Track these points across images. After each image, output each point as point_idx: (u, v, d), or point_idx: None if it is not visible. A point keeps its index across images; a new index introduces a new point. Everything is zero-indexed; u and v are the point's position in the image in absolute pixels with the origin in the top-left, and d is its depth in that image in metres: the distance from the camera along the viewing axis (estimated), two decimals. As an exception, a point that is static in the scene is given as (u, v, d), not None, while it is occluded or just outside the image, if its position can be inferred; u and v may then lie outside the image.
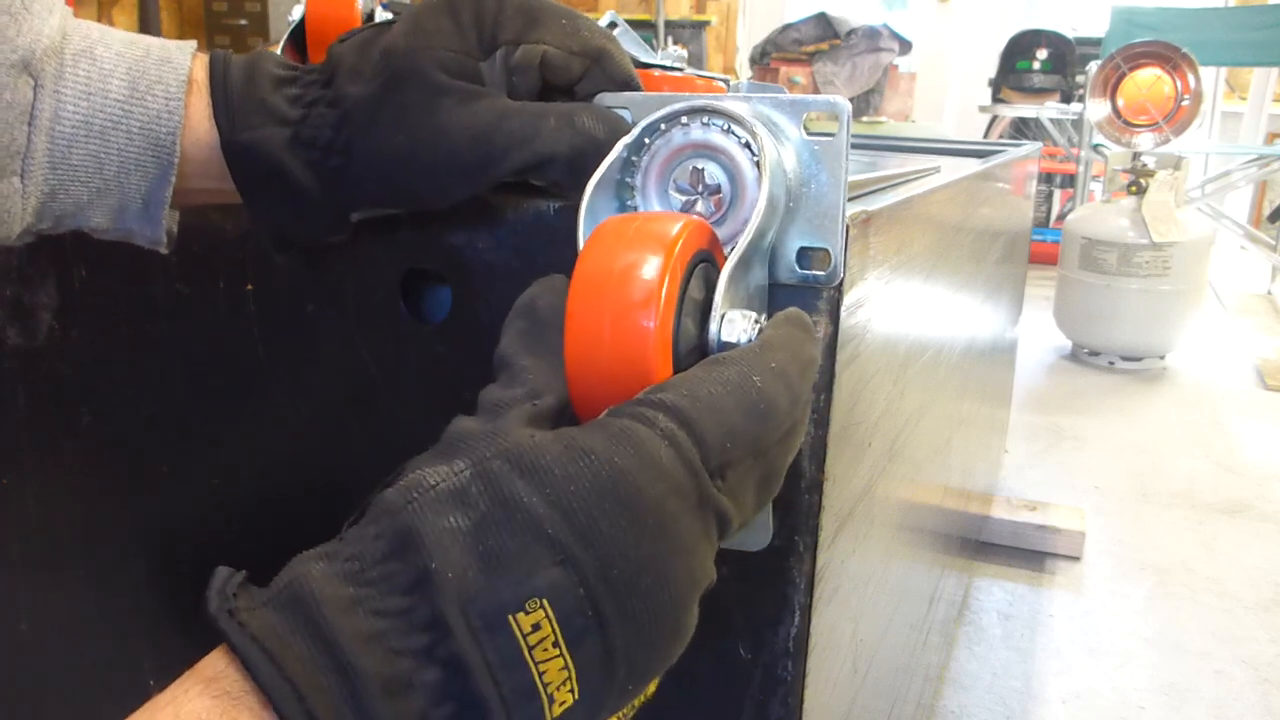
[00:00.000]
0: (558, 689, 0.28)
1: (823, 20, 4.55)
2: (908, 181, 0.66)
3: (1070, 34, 4.35)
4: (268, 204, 0.43)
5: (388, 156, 0.41)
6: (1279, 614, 1.33)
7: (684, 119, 0.40)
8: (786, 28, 4.62)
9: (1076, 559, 1.46)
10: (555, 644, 0.28)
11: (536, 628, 0.27)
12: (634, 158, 0.41)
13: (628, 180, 0.41)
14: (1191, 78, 2.39)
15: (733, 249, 0.38)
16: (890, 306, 0.55)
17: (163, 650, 0.61)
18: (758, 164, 0.39)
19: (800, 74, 4.52)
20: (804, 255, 0.41)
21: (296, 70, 0.43)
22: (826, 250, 0.41)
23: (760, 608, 0.45)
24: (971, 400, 1.05)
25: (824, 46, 4.50)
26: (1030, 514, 1.49)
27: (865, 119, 4.30)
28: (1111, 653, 1.23)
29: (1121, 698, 1.13)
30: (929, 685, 1.00)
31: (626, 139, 0.40)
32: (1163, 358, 2.52)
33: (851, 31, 4.48)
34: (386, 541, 0.28)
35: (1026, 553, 1.47)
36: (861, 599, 0.57)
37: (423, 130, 0.41)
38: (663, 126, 0.40)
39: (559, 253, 0.46)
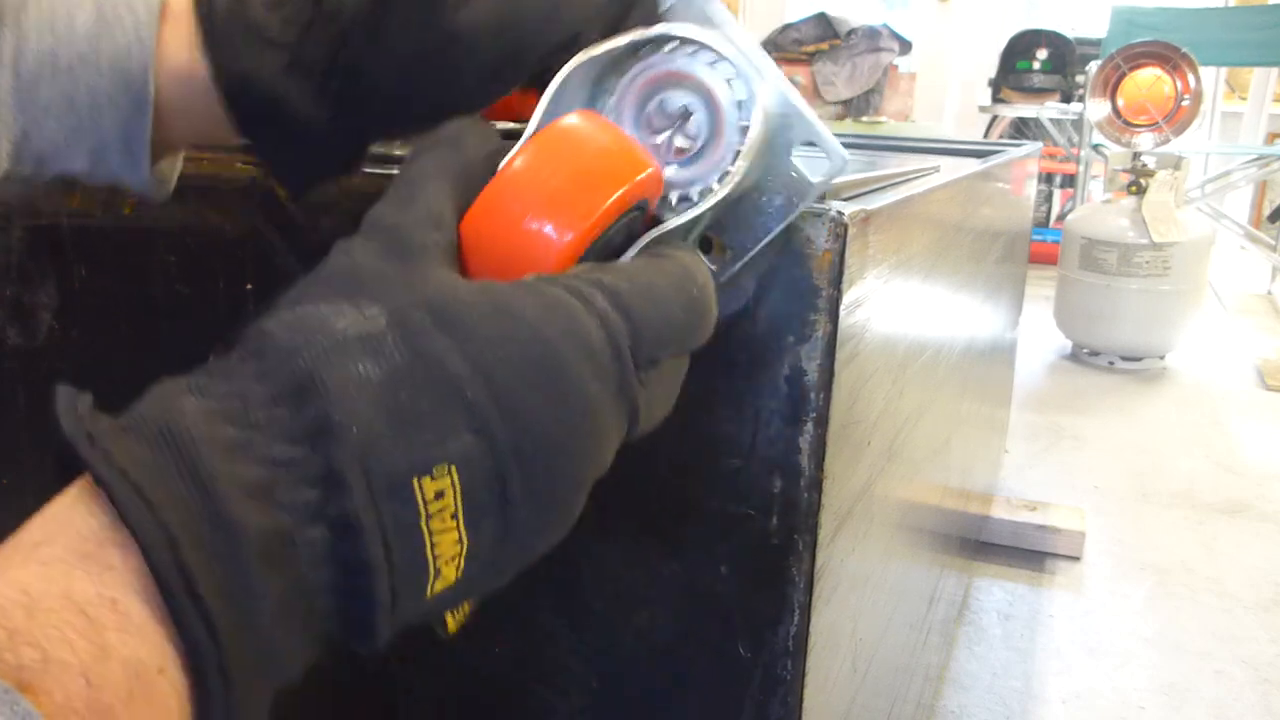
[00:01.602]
0: (445, 564, 0.26)
1: (823, 20, 4.55)
2: (907, 181, 0.66)
3: (1070, 34, 4.35)
4: (271, 141, 0.40)
5: (397, 73, 0.38)
6: (1279, 614, 1.33)
7: (672, 44, 0.37)
8: (786, 28, 4.62)
9: (1076, 559, 1.46)
10: (454, 516, 0.26)
11: (440, 495, 0.25)
12: (612, 76, 0.38)
13: (606, 86, 0.38)
14: (1191, 78, 2.39)
15: (693, 198, 0.36)
16: (889, 306, 0.55)
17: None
18: (740, 106, 0.36)
19: (800, 74, 4.52)
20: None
21: None
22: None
23: (760, 607, 0.45)
24: (971, 400, 1.05)
25: (824, 46, 4.50)
26: (1030, 514, 1.49)
27: (865, 119, 4.30)
28: (1111, 653, 1.22)
29: (1121, 698, 1.13)
30: (929, 685, 1.00)
31: (614, 43, 0.37)
32: (1163, 358, 2.52)
33: (851, 31, 4.48)
34: (276, 383, 0.25)
35: (1026, 553, 1.47)
36: (861, 598, 0.57)
37: (432, 35, 0.37)
38: (648, 48, 0.37)
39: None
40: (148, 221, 0.54)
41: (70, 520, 0.23)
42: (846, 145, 0.39)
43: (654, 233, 0.35)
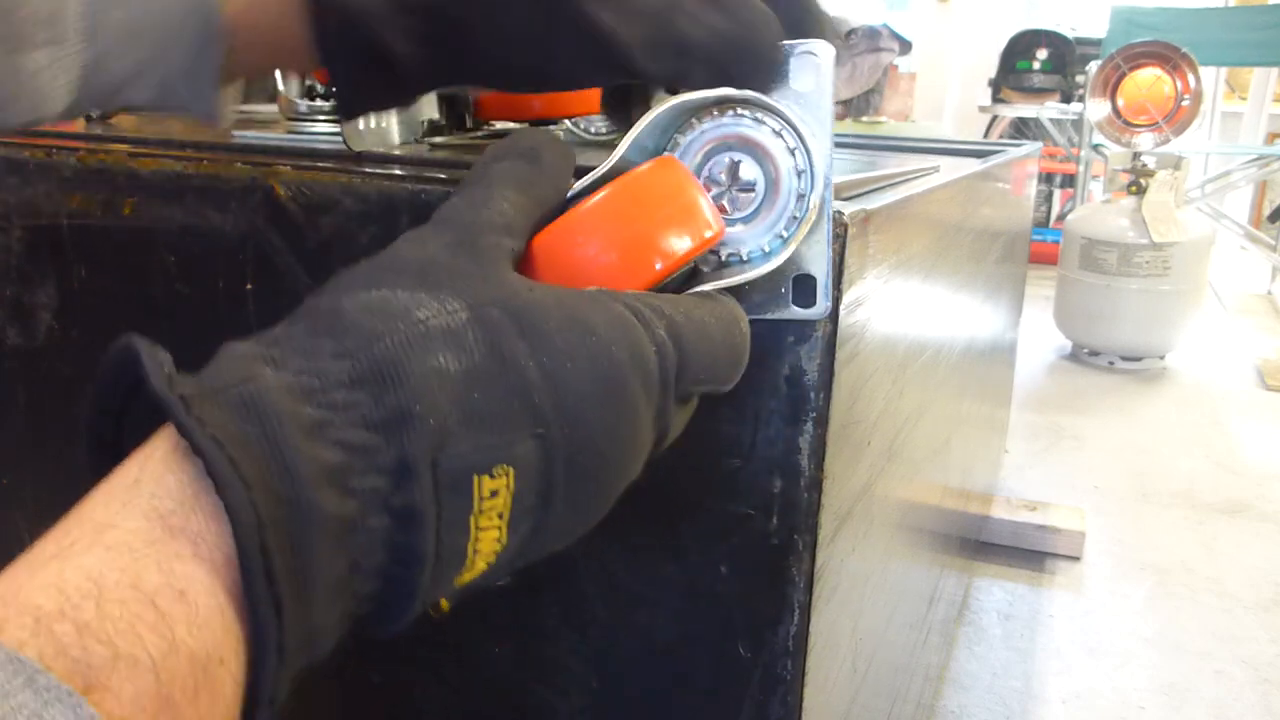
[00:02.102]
0: (481, 559, 0.27)
1: (823, 20, 4.54)
2: (907, 181, 0.66)
3: (1070, 34, 4.35)
4: (347, 69, 0.38)
5: (508, 36, 0.36)
6: (1279, 614, 1.33)
7: (737, 109, 0.38)
8: (786, 28, 4.62)
9: (1076, 559, 1.46)
10: (501, 515, 0.26)
11: (494, 495, 0.26)
12: (678, 134, 0.39)
13: (675, 132, 0.39)
14: (1191, 78, 2.39)
15: (765, 248, 0.38)
16: (889, 306, 0.55)
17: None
18: (799, 174, 0.38)
19: (800, 74, 4.52)
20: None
21: None
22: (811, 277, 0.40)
23: (760, 607, 0.45)
24: (971, 400, 1.05)
25: (824, 47, 4.50)
26: (1030, 514, 1.49)
27: (865, 119, 4.29)
28: (1111, 653, 1.23)
29: (1121, 698, 1.13)
30: (929, 685, 1.00)
31: (706, 95, 0.37)
32: (1163, 358, 2.52)
33: (851, 31, 4.48)
34: (355, 366, 0.25)
35: (1026, 553, 1.47)
36: (861, 598, 0.57)
37: (561, 17, 0.36)
38: (715, 111, 0.38)
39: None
40: (148, 221, 0.54)
41: (136, 499, 0.22)
42: (847, 145, 0.39)
43: (708, 287, 0.36)
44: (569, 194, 0.35)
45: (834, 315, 0.43)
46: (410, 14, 0.37)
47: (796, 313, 0.41)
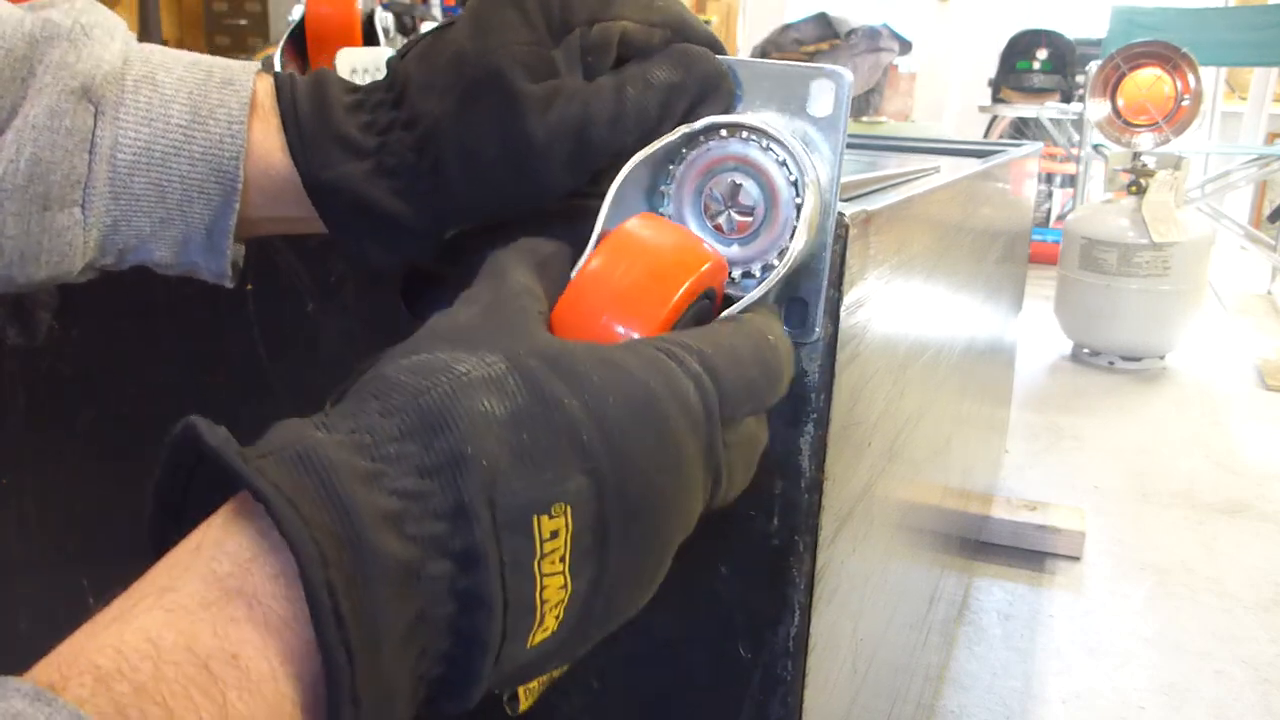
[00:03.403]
0: (549, 609, 0.27)
1: (823, 20, 4.55)
2: (907, 181, 0.66)
3: (1070, 34, 4.35)
4: (359, 237, 0.41)
5: (477, 173, 0.39)
6: (1279, 614, 1.33)
7: (723, 131, 0.39)
8: (786, 28, 4.62)
9: (1076, 559, 1.46)
10: (563, 559, 0.26)
11: (554, 535, 0.26)
12: (670, 164, 0.40)
13: (660, 187, 0.40)
14: (1191, 78, 2.39)
15: (754, 274, 0.38)
16: (890, 306, 0.55)
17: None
18: (794, 184, 0.38)
19: (800, 74, 4.51)
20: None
21: (360, 92, 0.41)
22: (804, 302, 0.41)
23: (760, 607, 0.45)
24: (971, 400, 1.05)
25: (824, 46, 4.50)
26: (1030, 514, 1.49)
27: (865, 119, 4.29)
28: (1111, 653, 1.23)
29: (1121, 698, 1.13)
30: (929, 685, 1.00)
31: (668, 139, 0.39)
32: (1163, 358, 2.52)
33: (851, 31, 4.48)
34: (405, 420, 0.26)
35: (1026, 553, 1.47)
36: (861, 599, 0.57)
37: (510, 140, 0.39)
38: (701, 138, 0.39)
39: (559, 253, 0.46)
40: (148, 221, 0.54)
41: (195, 563, 0.23)
42: (847, 145, 0.40)
43: (726, 314, 0.37)
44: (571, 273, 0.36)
45: (834, 316, 0.43)
46: (391, 176, 0.40)
47: (790, 334, 0.41)
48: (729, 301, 0.38)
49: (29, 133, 0.36)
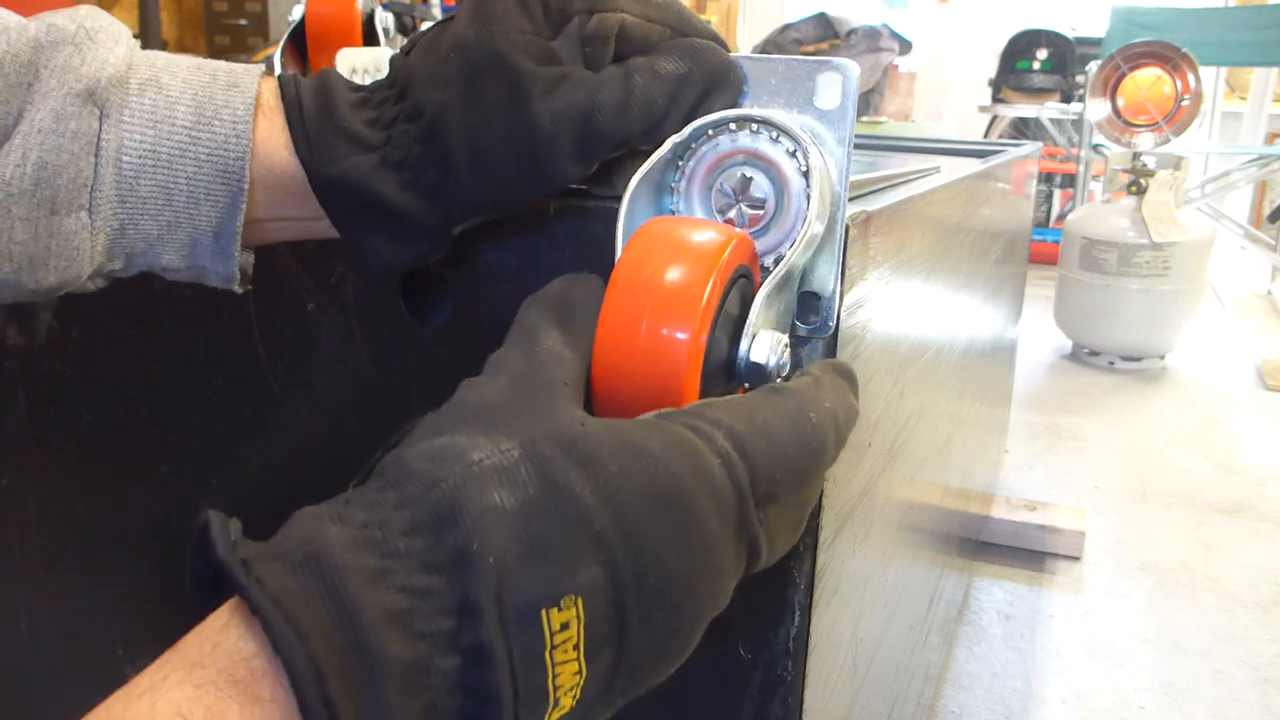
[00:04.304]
0: (564, 694, 0.27)
1: (823, 20, 4.55)
2: (908, 181, 0.66)
3: (1070, 34, 4.35)
4: (367, 234, 0.41)
5: (483, 162, 0.39)
6: (1279, 614, 1.33)
7: (732, 125, 0.39)
8: (786, 28, 4.62)
9: (1076, 559, 1.46)
10: (576, 647, 0.26)
11: (565, 627, 0.26)
12: (679, 160, 0.40)
13: (670, 183, 0.40)
14: (1191, 78, 2.39)
15: (769, 266, 0.38)
16: (890, 307, 0.55)
17: (164, 650, 0.61)
18: (805, 174, 0.38)
19: (800, 74, 4.51)
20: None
21: (365, 90, 0.41)
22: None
23: (760, 608, 0.45)
24: (971, 400, 1.05)
25: (824, 46, 4.50)
26: (1030, 514, 1.49)
27: (865, 119, 4.29)
28: (1111, 653, 1.23)
29: (1121, 698, 1.13)
30: (929, 685, 1.00)
31: (676, 138, 0.39)
32: (1163, 358, 2.52)
33: (851, 31, 4.48)
34: (417, 513, 0.26)
35: (1026, 553, 1.47)
36: (861, 599, 0.57)
37: (514, 127, 0.38)
38: (710, 132, 0.39)
39: (560, 253, 0.46)
40: (148, 222, 0.54)
41: (224, 642, 0.24)
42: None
43: (766, 286, 0.36)
44: None
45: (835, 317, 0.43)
46: (398, 169, 0.39)
47: (799, 328, 0.41)
48: (766, 274, 0.37)
49: (35, 137, 0.36)
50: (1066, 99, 4.12)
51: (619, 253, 0.36)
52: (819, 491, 0.35)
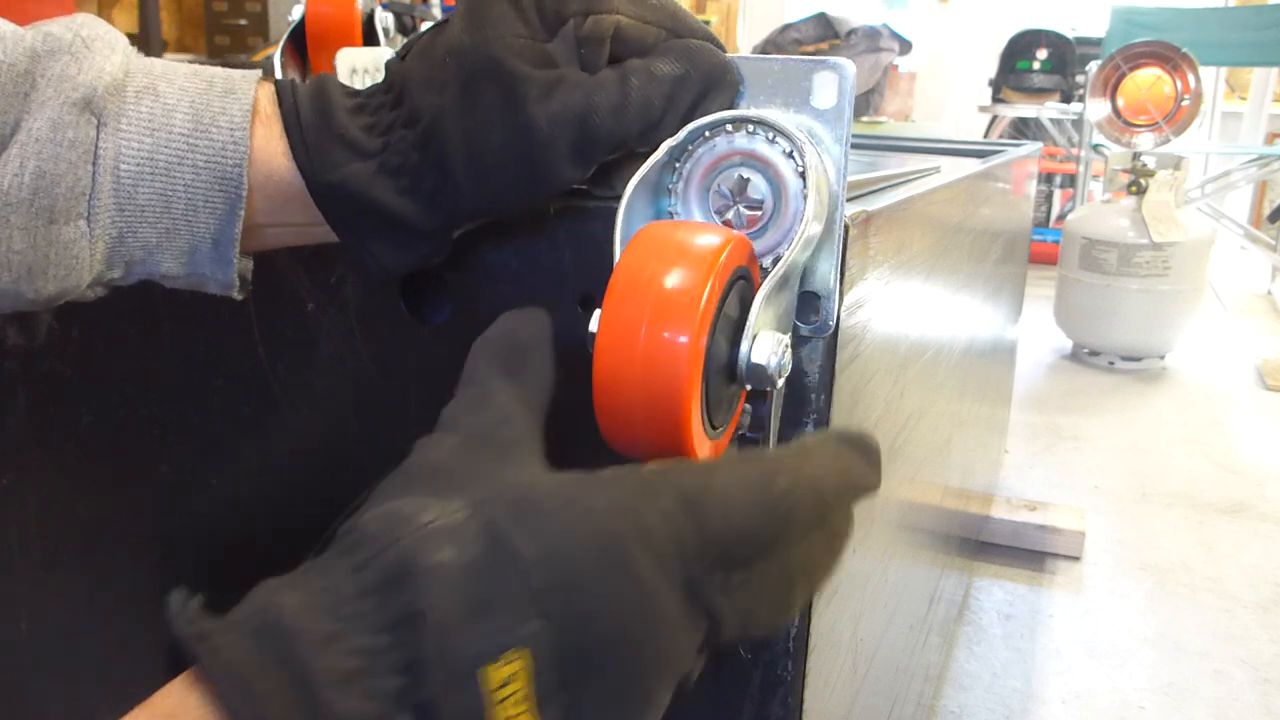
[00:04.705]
0: None
1: (823, 20, 4.55)
2: (908, 181, 0.66)
3: (1070, 34, 4.35)
4: (367, 240, 0.41)
5: (484, 164, 0.39)
6: (1279, 614, 1.33)
7: (729, 126, 0.39)
8: (786, 28, 4.62)
9: (1076, 559, 1.46)
10: (526, 698, 0.27)
11: (510, 680, 0.26)
12: (676, 163, 0.40)
13: (668, 185, 0.40)
14: (1191, 78, 2.39)
15: (768, 267, 0.38)
16: (890, 307, 0.55)
17: (164, 651, 0.61)
18: (802, 175, 0.38)
19: (800, 74, 4.51)
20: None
21: (362, 95, 0.41)
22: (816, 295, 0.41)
23: (760, 608, 0.45)
24: (971, 400, 1.05)
25: (824, 46, 4.50)
26: (1030, 514, 1.49)
27: (865, 119, 4.30)
28: (1111, 653, 1.23)
29: (1121, 698, 1.13)
30: (929, 685, 1.00)
31: (671, 141, 0.39)
32: (1163, 358, 2.52)
33: (851, 31, 4.48)
34: (368, 575, 0.27)
35: (1026, 553, 1.47)
36: (861, 599, 0.57)
37: (511, 129, 0.38)
38: (707, 133, 0.39)
39: (559, 253, 0.46)
40: (148, 222, 0.54)
41: (187, 701, 0.25)
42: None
43: (765, 287, 0.36)
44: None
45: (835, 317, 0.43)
46: (395, 175, 0.39)
47: (800, 328, 0.41)
48: (765, 275, 0.37)
49: (32, 146, 0.36)
50: (1066, 99, 4.12)
51: (617, 257, 0.36)
52: (814, 569, 0.34)
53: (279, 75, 0.74)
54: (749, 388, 0.36)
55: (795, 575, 0.33)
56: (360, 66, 0.83)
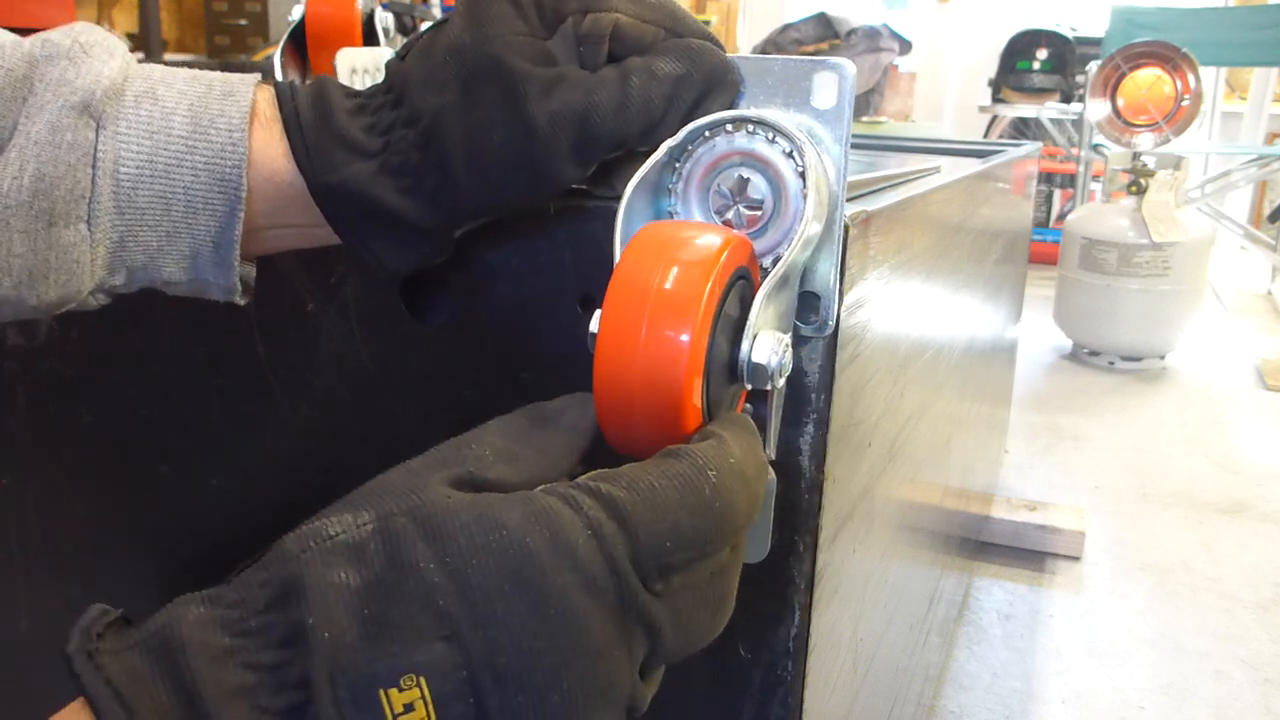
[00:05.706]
0: None
1: (823, 20, 4.55)
2: (908, 181, 0.66)
3: (1070, 34, 4.35)
4: (368, 240, 0.41)
5: (485, 163, 0.39)
6: (1279, 614, 1.33)
7: (729, 126, 0.39)
8: (786, 28, 4.62)
9: (1076, 559, 1.46)
10: None
11: (409, 708, 0.25)
12: (676, 162, 0.40)
13: (667, 185, 0.40)
14: (1191, 78, 2.39)
15: (768, 267, 0.38)
16: (890, 307, 0.55)
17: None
18: (801, 175, 0.38)
19: (800, 74, 4.51)
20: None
21: (362, 96, 0.41)
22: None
23: (760, 607, 0.45)
24: (971, 400, 1.05)
25: (824, 46, 4.50)
26: (1030, 514, 1.49)
27: (865, 119, 4.29)
28: (1111, 653, 1.23)
29: (1121, 698, 1.13)
30: (929, 685, 1.00)
31: (671, 141, 0.39)
32: (1163, 358, 2.52)
33: (851, 31, 4.48)
34: (271, 590, 0.27)
35: (1026, 553, 1.47)
36: (861, 599, 0.57)
37: (512, 128, 0.38)
38: (707, 133, 0.39)
39: (559, 253, 0.46)
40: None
41: None
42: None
43: (765, 286, 0.36)
44: None
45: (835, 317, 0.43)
46: (396, 174, 0.39)
47: (800, 328, 0.41)
48: (765, 275, 0.38)
49: (31, 149, 0.36)
50: (1066, 99, 4.12)
51: (617, 257, 0.36)
52: (744, 555, 0.33)
53: (279, 75, 0.74)
54: (749, 387, 0.36)
55: (729, 568, 0.33)
56: (360, 66, 0.83)
